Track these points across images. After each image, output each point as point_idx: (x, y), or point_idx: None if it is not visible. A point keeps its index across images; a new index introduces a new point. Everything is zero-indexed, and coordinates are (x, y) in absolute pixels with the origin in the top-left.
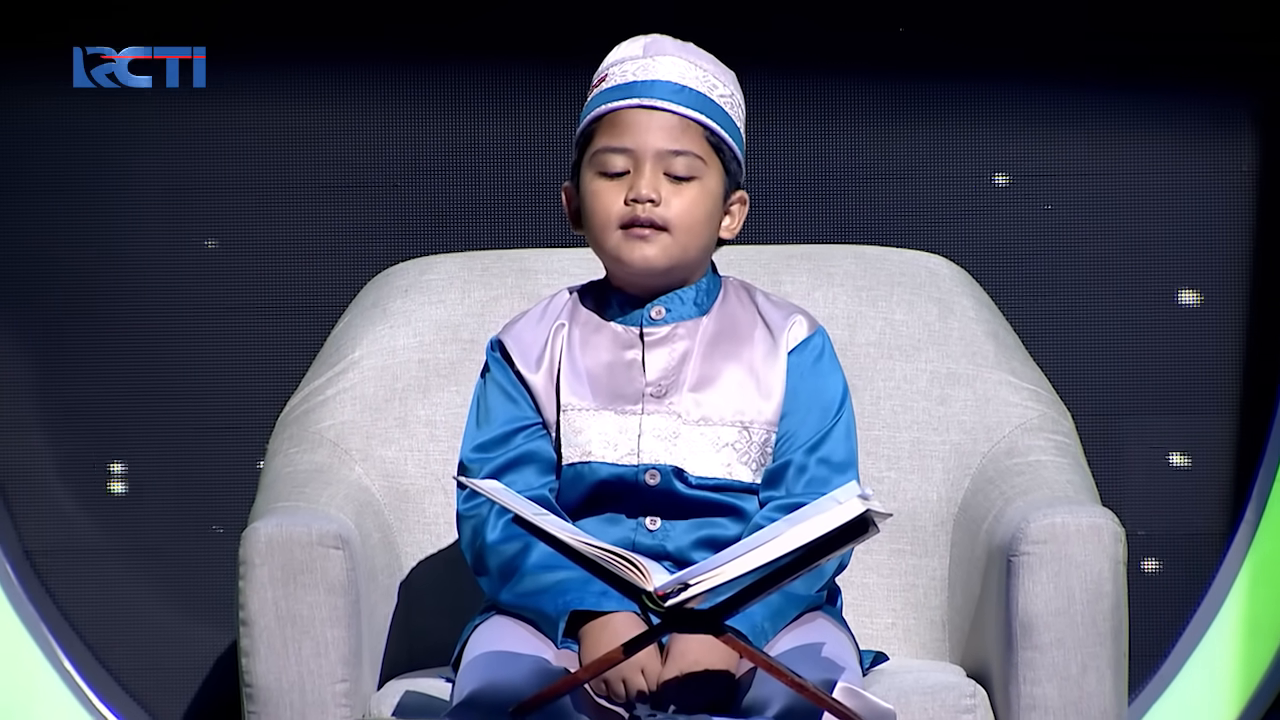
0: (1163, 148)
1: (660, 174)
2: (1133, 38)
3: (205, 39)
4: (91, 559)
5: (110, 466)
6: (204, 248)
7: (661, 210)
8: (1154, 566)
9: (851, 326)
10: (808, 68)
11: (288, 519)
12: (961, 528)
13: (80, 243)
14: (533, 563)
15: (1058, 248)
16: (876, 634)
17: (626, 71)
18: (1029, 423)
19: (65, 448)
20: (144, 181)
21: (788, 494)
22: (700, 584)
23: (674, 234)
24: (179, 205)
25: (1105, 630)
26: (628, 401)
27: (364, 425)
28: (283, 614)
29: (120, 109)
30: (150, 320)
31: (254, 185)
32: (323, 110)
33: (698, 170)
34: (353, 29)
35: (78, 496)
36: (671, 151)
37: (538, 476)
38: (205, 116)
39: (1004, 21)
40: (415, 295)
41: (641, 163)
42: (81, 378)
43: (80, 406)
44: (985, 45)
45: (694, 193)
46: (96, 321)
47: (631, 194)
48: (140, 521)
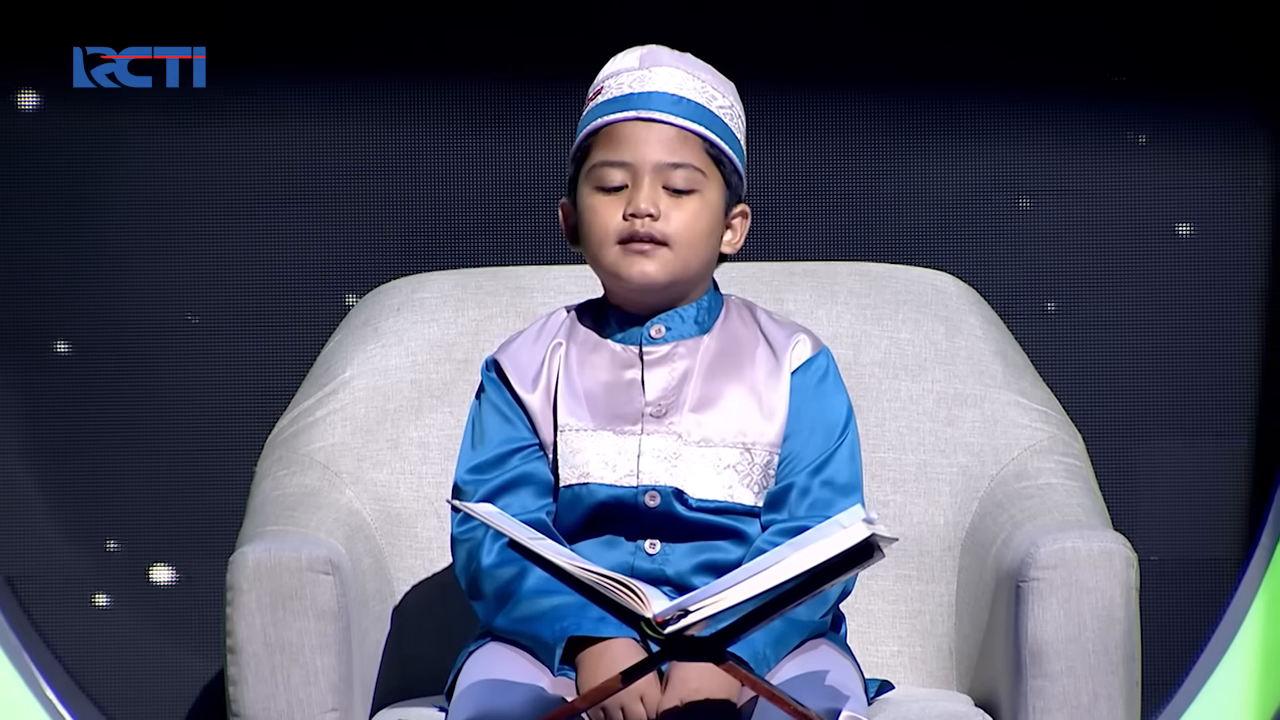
0: (1176, 167)
1: (659, 187)
2: (1147, 56)
3: (205, 39)
4: (75, 585)
5: (95, 488)
6: (192, 259)
7: (661, 225)
8: (1167, 593)
9: (856, 346)
10: (812, 80)
11: (276, 543)
12: (969, 553)
13: (75, 246)
14: (529, 588)
15: (1067, 265)
16: (882, 662)
17: (623, 84)
18: (1038, 444)
19: (46, 470)
20: (137, 185)
21: (790, 517)
22: (701, 610)
23: (674, 249)
24: (169, 213)
25: (1117, 658)
26: (627, 422)
27: (355, 447)
28: (271, 641)
29: (120, 109)
30: (136, 335)
31: (244, 198)
32: (313, 122)
33: (697, 183)
34: (350, 39)
35: (60, 520)
36: (670, 164)
37: (535, 499)
38: (200, 119)
39: (1013, 35)
40: (408, 313)
41: (640, 176)
42: (65, 397)
43: (63, 427)
44: (995, 59)
45: (694, 206)
46: (81, 334)
47: (630, 209)
48: (127, 546)
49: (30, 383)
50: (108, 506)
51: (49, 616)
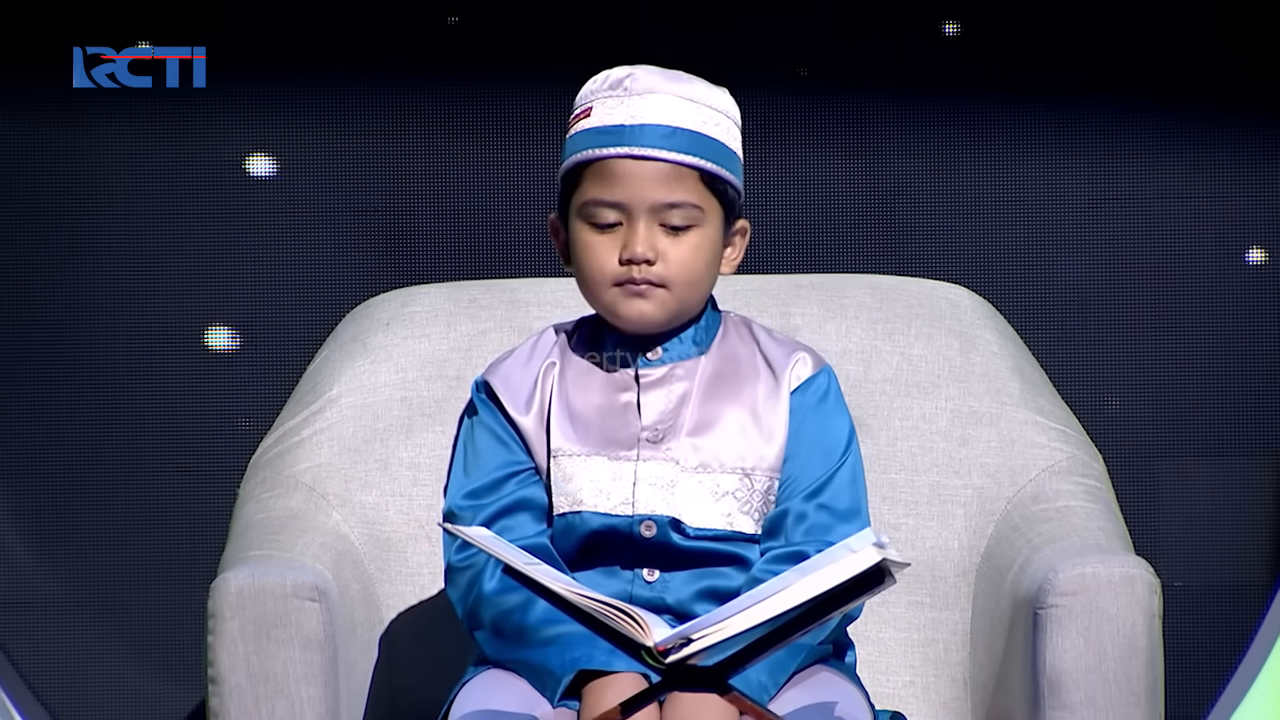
0: (1200, 177)
1: (655, 227)
2: (1165, 64)
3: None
4: (49, 611)
5: (70, 511)
6: (176, 270)
7: (659, 269)
8: (1191, 621)
9: (866, 362)
10: (817, 83)
11: (260, 569)
12: (984, 578)
13: (68, 250)
14: (535, 616)
15: (1087, 279)
16: (893, 692)
17: (612, 112)
18: (1057, 465)
19: (19, 490)
20: (129, 189)
21: (787, 542)
22: (704, 639)
23: (672, 289)
24: (169, 213)
25: (1139, 689)
26: (622, 447)
27: (342, 468)
28: (254, 671)
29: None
30: (117, 347)
31: (239, 202)
32: (312, 122)
33: (695, 219)
34: (349, 40)
35: (34, 544)
36: (666, 205)
37: (533, 524)
38: (201, 118)
39: (1036, 40)
40: (397, 328)
41: (635, 218)
42: (38, 414)
43: (35, 446)
44: (1010, 64)
45: (693, 241)
46: (64, 344)
47: (625, 254)
48: (103, 571)
49: (4, 397)
50: (83, 529)
51: (22, 645)
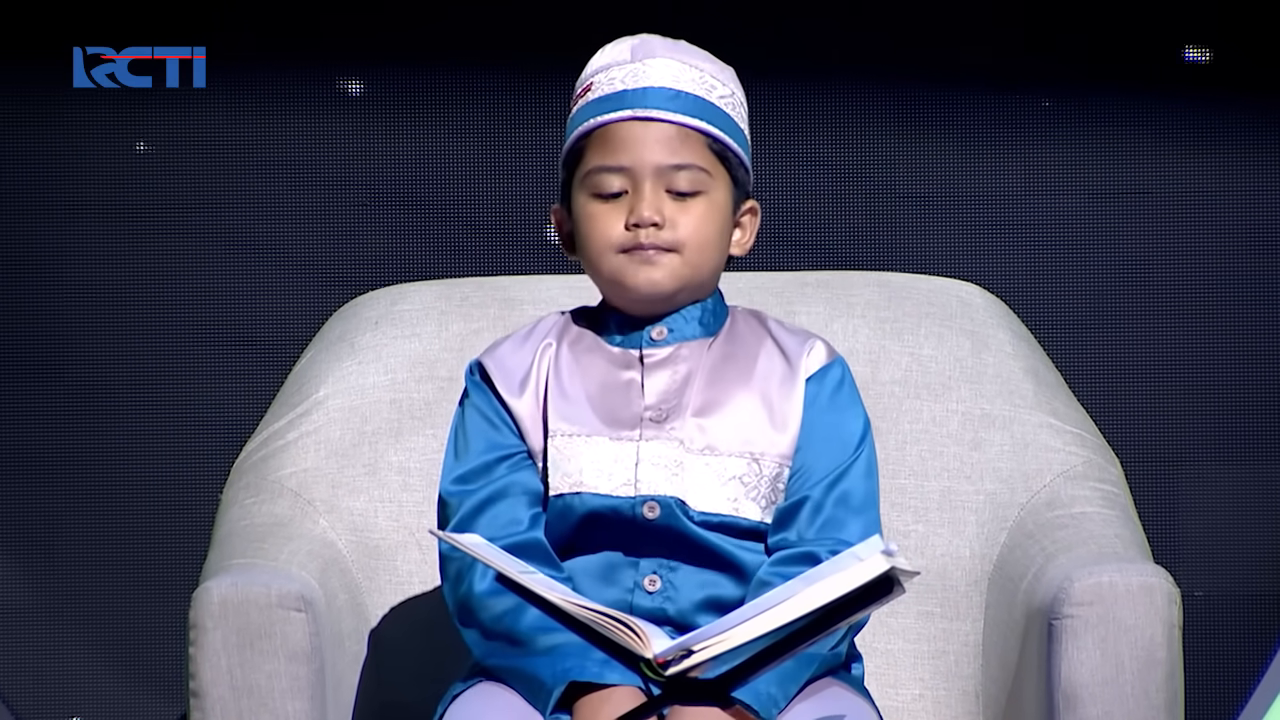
0: (1222, 174)
1: (662, 192)
2: (1180, 58)
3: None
4: (24, 621)
5: (45, 517)
6: (155, 266)
7: (668, 233)
8: (1212, 631)
9: (874, 362)
10: (825, 75)
11: (244, 578)
12: (997, 587)
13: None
14: (527, 622)
15: (1103, 277)
16: (903, 706)
17: (614, 79)
18: (1072, 470)
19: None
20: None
21: (799, 538)
22: (705, 650)
23: (684, 254)
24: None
25: (1158, 702)
26: (624, 426)
27: (329, 473)
28: (238, 684)
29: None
30: (93, 353)
31: (202, 204)
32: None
33: (703, 184)
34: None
35: (9, 551)
36: (672, 166)
37: (524, 509)
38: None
39: (1046, 35)
40: (387, 327)
41: (640, 182)
42: (13, 415)
43: (9, 449)
44: (1022, 58)
45: (701, 208)
46: (48, 345)
47: (633, 218)
48: (79, 580)
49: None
50: (59, 536)
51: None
